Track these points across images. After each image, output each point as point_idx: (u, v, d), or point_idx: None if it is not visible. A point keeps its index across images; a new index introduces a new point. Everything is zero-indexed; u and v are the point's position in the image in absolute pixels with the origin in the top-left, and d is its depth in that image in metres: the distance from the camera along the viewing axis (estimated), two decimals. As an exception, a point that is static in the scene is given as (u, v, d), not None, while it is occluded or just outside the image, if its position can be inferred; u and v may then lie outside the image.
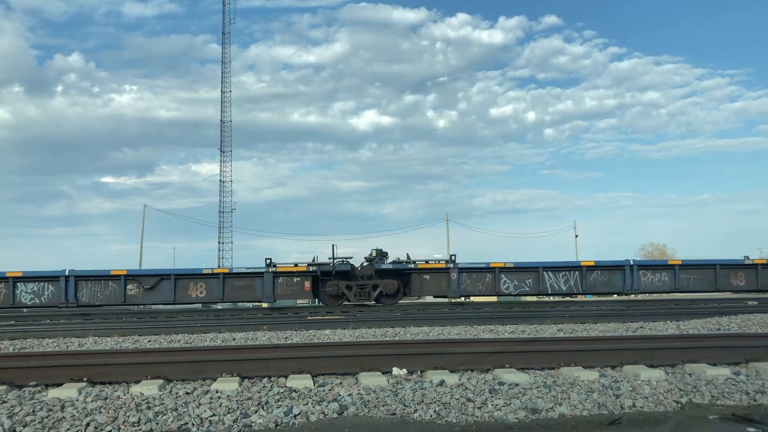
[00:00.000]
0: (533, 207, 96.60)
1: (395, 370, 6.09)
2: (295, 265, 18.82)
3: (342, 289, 18.57)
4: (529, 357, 6.40)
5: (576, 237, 58.05)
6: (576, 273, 19.35)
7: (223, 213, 49.72)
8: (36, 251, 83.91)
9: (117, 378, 5.83)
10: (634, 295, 22.51)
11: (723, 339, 7.50)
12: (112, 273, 18.33)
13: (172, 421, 4.70)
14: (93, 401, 5.07)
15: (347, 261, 18.92)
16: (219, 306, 23.15)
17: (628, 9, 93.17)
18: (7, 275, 17.99)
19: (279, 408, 4.95)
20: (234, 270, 18.97)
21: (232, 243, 49.61)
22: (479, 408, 4.99)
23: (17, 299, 18.07)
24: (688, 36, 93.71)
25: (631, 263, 19.47)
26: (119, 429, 4.55)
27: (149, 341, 9.76)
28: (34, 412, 4.81)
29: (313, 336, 10.00)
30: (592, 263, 19.53)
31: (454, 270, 18.88)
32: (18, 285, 18.07)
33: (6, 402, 5.14)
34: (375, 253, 19.39)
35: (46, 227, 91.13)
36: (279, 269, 18.60)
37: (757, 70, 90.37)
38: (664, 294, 22.29)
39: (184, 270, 18.87)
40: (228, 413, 4.85)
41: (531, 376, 5.90)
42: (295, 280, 18.71)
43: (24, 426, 4.55)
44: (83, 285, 18.24)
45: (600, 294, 21.26)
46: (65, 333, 11.18)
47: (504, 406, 5.03)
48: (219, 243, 49.33)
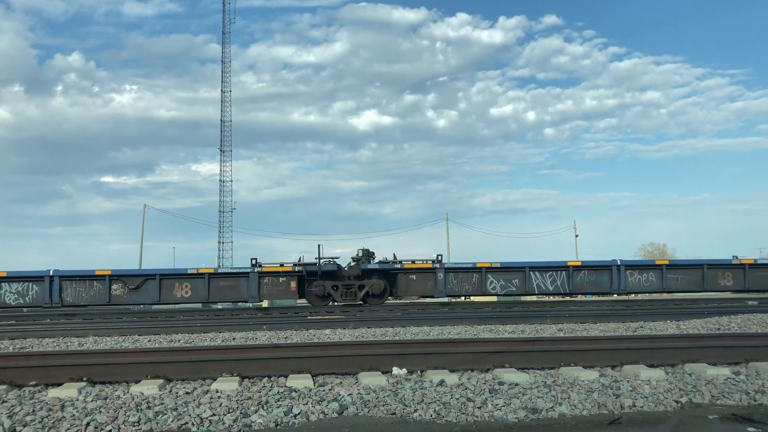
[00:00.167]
0: (533, 207, 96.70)
1: (395, 369, 6.09)
2: (281, 265, 18.76)
3: (328, 290, 18.48)
4: (529, 357, 6.40)
5: (576, 237, 58.15)
6: (563, 273, 19.24)
7: (223, 213, 49.79)
8: (36, 251, 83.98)
9: (117, 378, 5.83)
10: (622, 295, 22.42)
11: (723, 339, 7.50)
12: (96, 273, 18.26)
13: (172, 421, 4.70)
14: (93, 401, 5.07)
15: (333, 261, 18.83)
16: (219, 306, 23.14)
17: (628, 9, 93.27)
18: None
19: (279, 408, 4.95)
20: (219, 270, 18.93)
21: (232, 243, 49.68)
22: (479, 408, 4.99)
23: (1, 299, 18.00)
24: (688, 36, 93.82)
25: (618, 263, 19.36)
26: (119, 429, 4.55)
27: (149, 341, 9.76)
28: (34, 411, 4.81)
29: (313, 336, 10.01)
30: (578, 263, 19.44)
31: (440, 270, 18.79)
32: (2, 285, 18.00)
33: (6, 402, 5.14)
34: (361, 253, 19.28)
35: (46, 227, 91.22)
36: (264, 269, 18.54)
37: (757, 70, 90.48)
38: (653, 294, 22.23)
39: (169, 270, 18.81)
40: (228, 413, 4.85)
41: (531, 375, 5.90)
42: (281, 280, 18.64)
43: (24, 425, 4.55)
44: (68, 285, 18.17)
45: (587, 294, 21.19)
46: (65, 333, 11.18)
47: (504, 405, 5.03)
48: (219, 243, 49.40)
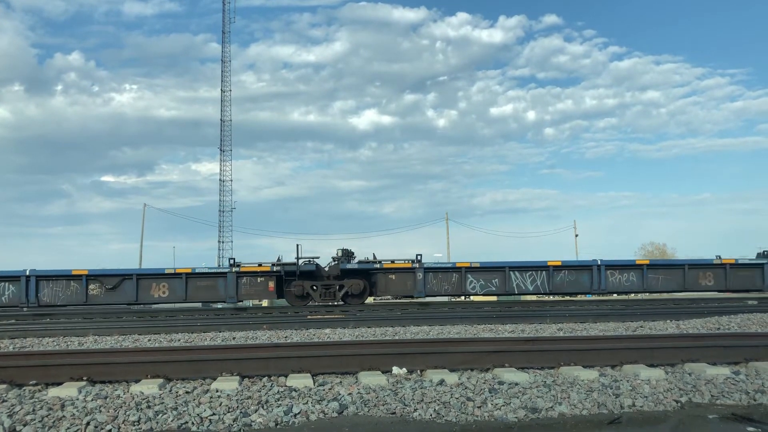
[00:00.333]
0: (533, 206, 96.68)
1: (395, 369, 6.09)
2: (259, 265, 18.73)
3: (307, 290, 18.46)
4: (529, 356, 6.40)
5: (576, 236, 58.08)
6: (543, 273, 19.18)
7: (223, 212, 49.75)
8: (36, 250, 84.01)
9: (117, 377, 5.83)
10: (603, 295, 22.41)
11: (723, 338, 7.50)
12: (73, 273, 18.21)
13: (172, 420, 4.70)
14: (93, 400, 5.07)
15: (313, 261, 18.80)
16: (219, 305, 23.16)
17: (628, 8, 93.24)
18: None
19: (279, 407, 4.95)
20: (197, 270, 18.74)
21: (232, 242, 49.66)
22: (479, 407, 4.99)
23: None
24: (688, 35, 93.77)
25: (599, 263, 19.32)
26: (119, 428, 4.55)
27: (149, 340, 9.77)
28: (34, 411, 4.81)
29: (313, 335, 10.01)
30: (558, 263, 19.33)
31: (419, 270, 18.74)
32: None
33: (6, 401, 5.14)
34: (341, 253, 19.23)
35: (46, 226, 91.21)
36: (242, 269, 18.51)
37: (757, 69, 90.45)
38: (632, 294, 22.19)
39: (146, 270, 18.81)
40: (228, 412, 4.85)
41: (531, 375, 5.90)
42: (259, 280, 18.61)
43: (24, 425, 4.55)
44: (44, 285, 18.11)
45: (567, 294, 21.09)
46: (65, 332, 11.19)
47: (504, 405, 5.03)
48: (219, 242, 49.38)
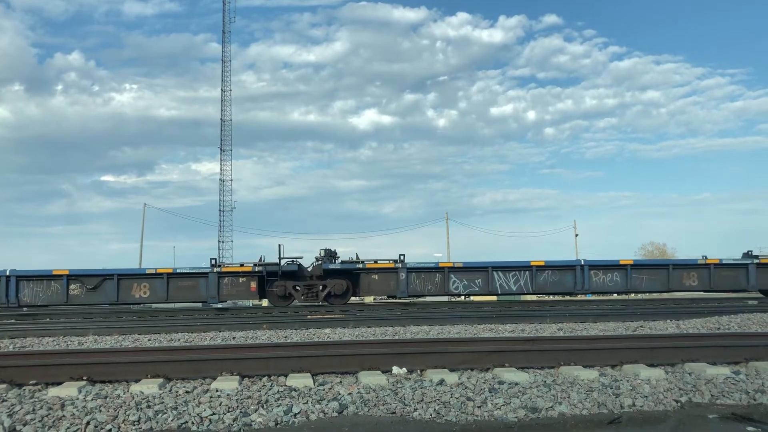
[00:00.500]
0: (533, 206, 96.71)
1: (395, 369, 6.09)
2: (241, 265, 18.76)
3: (289, 290, 18.45)
4: (529, 356, 6.40)
5: (576, 236, 58.11)
6: (526, 273, 19.14)
7: (223, 212, 49.72)
8: (36, 250, 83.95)
9: (117, 377, 5.83)
10: (586, 295, 22.44)
11: (723, 338, 7.51)
12: (54, 273, 18.18)
13: (172, 420, 4.70)
14: (93, 400, 5.07)
15: (295, 261, 18.80)
16: (219, 305, 23.18)
17: (628, 8, 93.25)
18: None
19: (279, 407, 4.95)
20: (178, 270, 18.71)
21: (232, 242, 49.65)
22: (479, 407, 4.99)
23: None
24: (688, 35, 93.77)
25: (582, 263, 19.31)
26: (119, 428, 4.55)
27: (149, 340, 9.77)
28: (34, 410, 4.81)
29: (313, 335, 10.01)
30: (542, 263, 19.29)
31: (402, 270, 18.71)
32: None
33: (6, 401, 5.14)
34: (324, 253, 19.21)
35: (46, 226, 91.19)
36: (224, 269, 18.54)
37: (757, 69, 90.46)
38: (615, 294, 22.18)
39: (127, 270, 18.74)
40: (228, 412, 4.85)
41: (531, 375, 5.90)
42: (241, 280, 18.59)
43: (24, 425, 4.55)
44: (25, 285, 18.09)
45: (551, 294, 21.02)
46: (65, 332, 11.20)
47: (504, 405, 5.03)
48: (219, 242, 49.37)
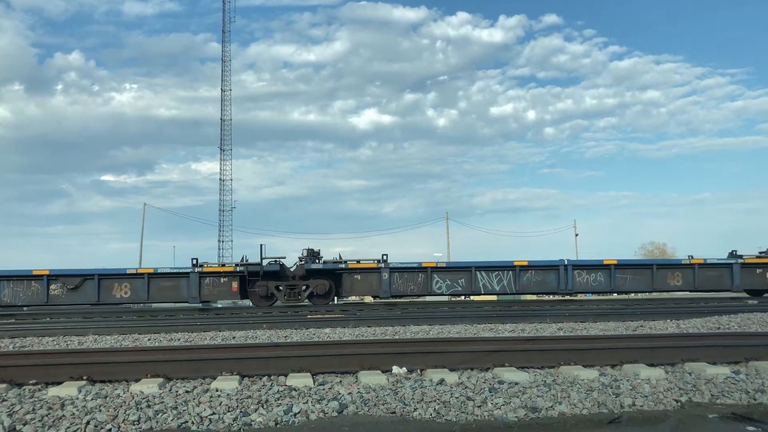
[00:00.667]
0: (533, 206, 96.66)
1: (395, 368, 6.09)
2: (222, 265, 18.77)
3: (271, 290, 18.41)
4: (529, 356, 6.40)
5: (576, 236, 58.12)
6: (509, 273, 19.11)
7: (223, 211, 49.78)
8: (36, 250, 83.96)
9: (117, 376, 5.83)
10: (569, 295, 22.42)
11: (723, 338, 7.51)
12: (34, 273, 18.07)
13: (172, 420, 4.70)
14: (93, 400, 5.07)
15: (277, 261, 18.80)
16: (219, 304, 23.17)
17: (628, 8, 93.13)
18: None
19: (279, 406, 4.95)
20: (159, 270, 18.62)
21: (232, 241, 49.70)
22: (479, 407, 4.99)
23: None
24: (688, 35, 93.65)
25: (566, 263, 19.25)
26: (119, 427, 4.55)
27: (149, 339, 9.77)
28: (34, 410, 4.81)
29: (313, 334, 10.01)
30: (525, 263, 19.24)
31: (385, 270, 18.66)
32: None
33: (6, 400, 5.14)
34: (306, 253, 19.16)
35: (45, 226, 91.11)
36: (205, 269, 18.46)
37: (757, 69, 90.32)
38: (601, 294, 22.18)
39: (108, 270, 18.59)
40: (228, 412, 4.85)
41: (531, 374, 5.90)
42: (222, 280, 18.53)
43: (24, 424, 4.55)
44: (5, 285, 17.97)
45: (535, 294, 20.94)
46: (65, 331, 11.20)
47: (504, 404, 5.03)
48: (219, 241, 49.42)
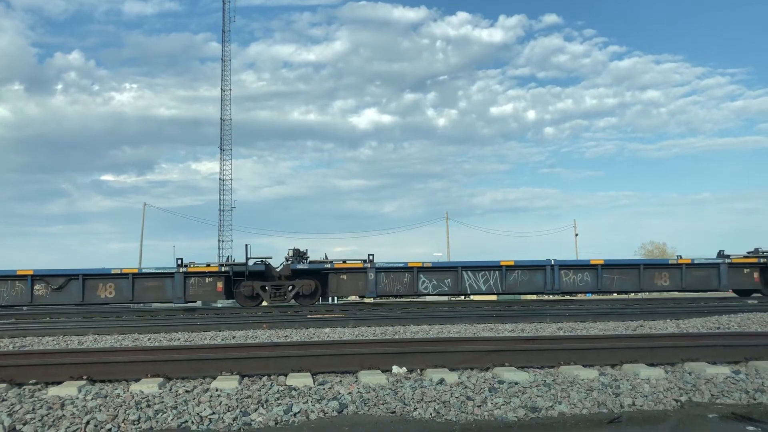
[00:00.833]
0: (533, 206, 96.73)
1: (395, 368, 6.09)
2: (208, 265, 18.69)
3: (257, 290, 18.39)
4: (529, 355, 6.40)
5: (576, 236, 58.17)
6: (496, 273, 19.11)
7: (223, 211, 49.74)
8: (35, 249, 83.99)
9: (117, 376, 5.83)
10: (557, 295, 22.42)
11: (723, 338, 7.50)
12: (18, 273, 18.07)
13: (171, 420, 4.70)
14: (93, 399, 5.07)
15: (263, 261, 18.78)
16: (219, 304, 23.17)
17: (628, 8, 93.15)
18: None
19: (279, 406, 4.95)
20: (144, 270, 18.69)
21: (232, 241, 49.67)
22: (479, 406, 4.99)
23: None
24: (688, 35, 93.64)
25: (552, 263, 19.26)
26: (119, 427, 4.55)
27: (149, 339, 9.77)
28: (34, 410, 4.81)
29: (313, 334, 10.01)
30: (511, 263, 19.25)
31: (371, 270, 18.65)
32: None
33: (6, 400, 5.14)
34: (292, 253, 19.15)
35: (45, 225, 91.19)
36: (190, 270, 18.44)
37: (758, 68, 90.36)
38: (585, 294, 22.22)
39: (92, 270, 18.60)
40: (228, 411, 4.85)
41: (531, 374, 5.90)
42: (207, 280, 18.52)
43: (24, 424, 4.55)
44: None
45: (521, 294, 20.85)
46: (65, 331, 11.20)
47: (504, 404, 5.03)
48: (219, 241, 49.38)
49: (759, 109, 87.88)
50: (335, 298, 22.74)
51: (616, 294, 22.50)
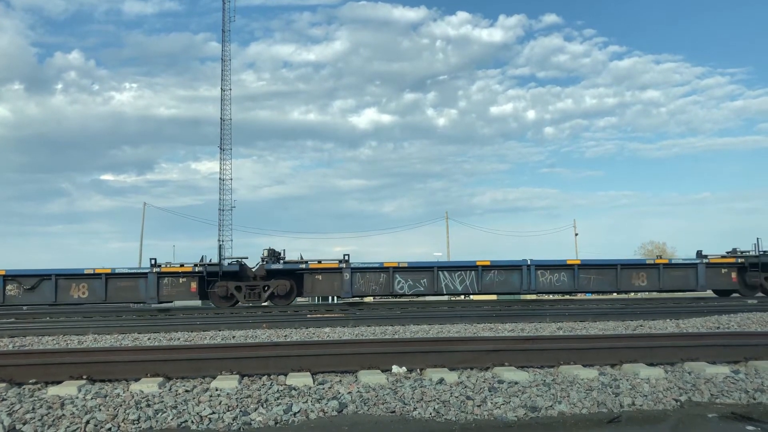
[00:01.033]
0: (533, 205, 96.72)
1: (395, 368, 6.09)
2: (181, 266, 18.67)
3: (231, 290, 18.38)
4: (529, 355, 6.40)
5: (576, 236, 58.16)
6: (472, 273, 19.13)
7: (223, 211, 49.59)
8: (36, 249, 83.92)
9: (117, 376, 5.83)
10: (532, 295, 22.36)
11: (722, 337, 7.51)
12: None
13: (171, 419, 4.70)
14: (93, 399, 5.07)
15: (238, 261, 18.77)
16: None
17: (627, 7, 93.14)
18: None
19: (279, 406, 4.95)
20: (117, 270, 18.56)
21: (232, 241, 49.52)
22: (479, 406, 4.99)
23: None
24: (688, 34, 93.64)
25: (528, 263, 19.25)
26: (119, 427, 4.55)
27: (149, 339, 9.77)
28: (33, 409, 4.81)
29: (313, 334, 10.01)
30: (487, 263, 19.25)
31: (346, 270, 18.65)
32: None
33: (6, 400, 5.13)
34: (267, 253, 19.14)
35: (45, 225, 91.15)
36: (164, 270, 18.42)
37: (757, 68, 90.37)
38: (564, 294, 22.15)
39: (65, 270, 18.54)
40: (227, 411, 4.85)
41: (530, 374, 5.90)
42: (181, 280, 18.50)
43: (24, 424, 4.55)
44: None
45: (497, 294, 20.90)
46: (65, 330, 11.20)
47: (503, 404, 5.03)
48: (219, 241, 49.27)
49: (759, 109, 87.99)
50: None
51: (615, 294, 22.50)
